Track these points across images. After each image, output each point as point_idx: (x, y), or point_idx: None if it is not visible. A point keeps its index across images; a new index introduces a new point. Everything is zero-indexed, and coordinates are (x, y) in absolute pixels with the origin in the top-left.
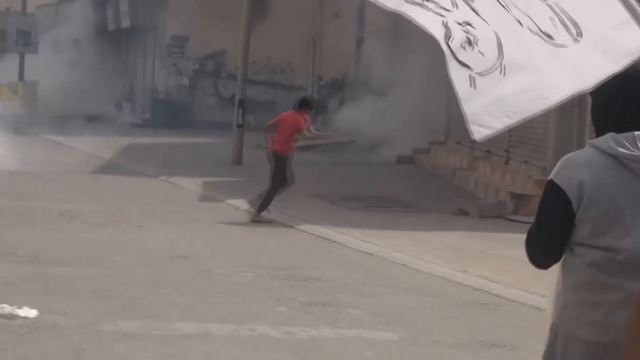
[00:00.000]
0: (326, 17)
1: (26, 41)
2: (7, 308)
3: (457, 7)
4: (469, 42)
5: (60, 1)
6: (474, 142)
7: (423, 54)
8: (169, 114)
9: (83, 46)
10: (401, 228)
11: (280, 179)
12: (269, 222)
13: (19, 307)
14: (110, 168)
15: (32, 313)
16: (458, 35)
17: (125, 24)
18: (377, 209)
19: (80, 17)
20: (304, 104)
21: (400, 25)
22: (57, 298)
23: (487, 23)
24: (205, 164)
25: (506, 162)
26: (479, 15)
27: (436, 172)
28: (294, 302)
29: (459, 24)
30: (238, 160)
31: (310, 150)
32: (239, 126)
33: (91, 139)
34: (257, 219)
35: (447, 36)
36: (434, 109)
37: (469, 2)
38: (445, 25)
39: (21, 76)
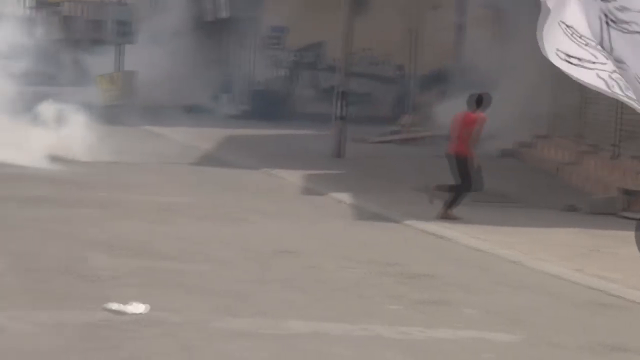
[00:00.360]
0: (426, 8)
1: (124, 31)
2: (115, 305)
3: (608, 60)
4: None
5: None
6: (580, 136)
7: (526, 45)
8: (267, 106)
9: (181, 37)
10: (509, 224)
11: (467, 179)
12: (458, 219)
13: (128, 302)
14: (210, 159)
15: (140, 309)
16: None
17: (224, 14)
18: (483, 204)
19: (178, 8)
20: (477, 102)
21: (502, 16)
22: (165, 293)
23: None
24: (306, 156)
25: (613, 157)
26: (623, 62)
27: (541, 167)
28: (406, 300)
29: (610, 72)
30: (338, 152)
31: (410, 143)
32: (341, 118)
33: (189, 130)
34: (445, 216)
35: (609, 85)
36: (538, 101)
37: (611, 53)
38: (606, 78)
39: (119, 66)
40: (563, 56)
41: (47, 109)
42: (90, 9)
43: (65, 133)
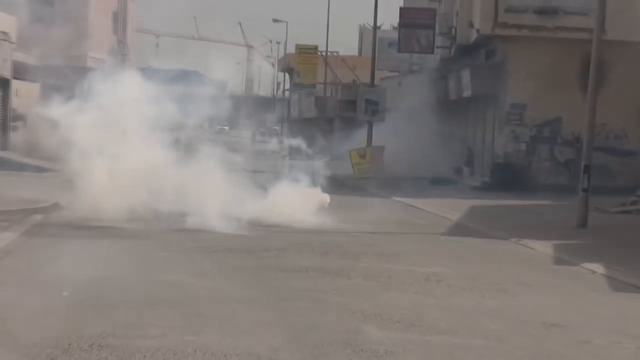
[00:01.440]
0: None
1: (374, 110)
2: None
3: None
4: None
5: (403, 74)
6: None
7: None
8: (507, 177)
9: (425, 114)
10: None
11: None
12: None
13: None
14: (459, 229)
15: None
16: None
17: (467, 93)
18: None
19: (423, 88)
20: None
21: None
22: None
23: None
24: (550, 226)
25: None
26: None
27: None
28: None
29: None
30: (583, 223)
31: None
32: (585, 190)
33: (435, 200)
34: None
35: None
36: None
37: None
38: None
39: (369, 142)
40: None
41: (301, 179)
42: (341, 90)
43: (322, 202)
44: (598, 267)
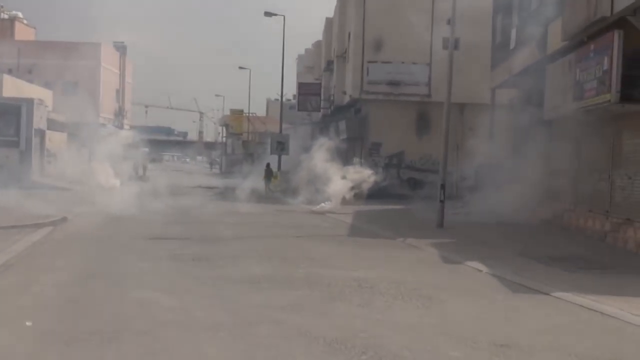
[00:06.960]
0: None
1: (282, 148)
2: None
3: None
4: None
5: (296, 125)
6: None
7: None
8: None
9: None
10: (627, 292)
11: None
12: None
13: None
14: (356, 230)
15: None
16: None
17: (343, 136)
18: (579, 270)
19: (310, 134)
20: None
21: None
22: None
23: None
24: (417, 226)
25: None
26: None
27: (583, 233)
28: None
29: None
30: (441, 224)
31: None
32: (441, 201)
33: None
34: None
35: None
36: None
37: None
38: None
39: (279, 167)
40: None
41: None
42: (259, 136)
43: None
44: (480, 265)
